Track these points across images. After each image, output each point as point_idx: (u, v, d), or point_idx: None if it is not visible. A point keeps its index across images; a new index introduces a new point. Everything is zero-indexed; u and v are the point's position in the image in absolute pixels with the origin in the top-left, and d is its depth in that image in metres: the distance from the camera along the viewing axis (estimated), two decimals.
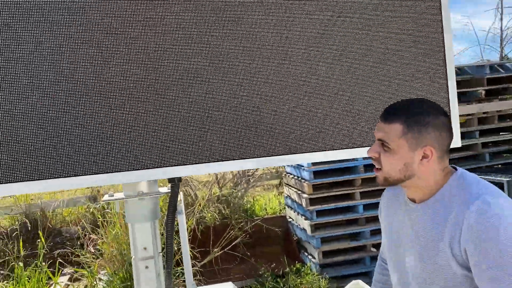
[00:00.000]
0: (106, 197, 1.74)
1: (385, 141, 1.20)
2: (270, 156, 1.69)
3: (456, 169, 1.25)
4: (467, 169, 1.29)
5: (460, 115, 4.23)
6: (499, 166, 4.44)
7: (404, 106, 1.21)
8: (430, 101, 1.24)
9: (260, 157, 1.68)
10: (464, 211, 1.13)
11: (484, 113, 4.31)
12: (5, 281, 4.14)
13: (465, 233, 1.11)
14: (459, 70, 4.59)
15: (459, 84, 4.49)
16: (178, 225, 1.78)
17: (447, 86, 1.85)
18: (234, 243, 4.25)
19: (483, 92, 4.41)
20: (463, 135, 4.45)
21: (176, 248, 3.57)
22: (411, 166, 1.19)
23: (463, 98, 4.42)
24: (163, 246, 1.74)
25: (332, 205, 4.19)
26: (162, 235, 2.04)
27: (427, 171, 1.20)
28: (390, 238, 1.39)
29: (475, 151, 4.40)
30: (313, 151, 1.76)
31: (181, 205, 1.73)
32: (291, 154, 1.72)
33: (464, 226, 1.12)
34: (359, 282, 2.30)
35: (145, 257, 1.71)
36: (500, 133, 4.52)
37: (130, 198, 1.67)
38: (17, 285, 3.85)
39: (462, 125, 4.43)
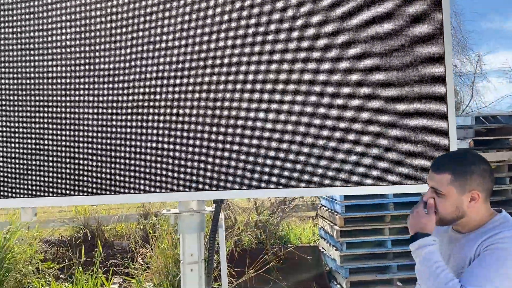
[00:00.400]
0: (164, 211, 2.21)
1: (437, 188, 1.47)
2: (306, 187, 2.08)
3: (501, 211, 1.52)
4: None
5: (491, 161, 4.44)
6: None
7: (451, 158, 1.53)
8: (472, 152, 1.55)
9: (296, 187, 2.08)
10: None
11: None
12: (65, 283, 4.68)
13: (480, 246, 1.40)
14: (492, 118, 4.82)
15: (492, 131, 4.72)
16: (219, 237, 2.20)
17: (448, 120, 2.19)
18: (267, 267, 4.60)
19: None
20: (496, 181, 4.63)
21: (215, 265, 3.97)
22: (462, 208, 1.45)
23: (494, 145, 4.62)
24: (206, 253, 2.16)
25: (362, 239, 4.47)
26: (206, 244, 2.46)
27: (475, 211, 1.45)
28: None
29: (505, 196, 4.55)
30: (346, 186, 2.13)
31: (221, 221, 2.15)
32: (328, 187, 2.10)
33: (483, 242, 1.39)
34: None
35: (191, 262, 2.13)
36: None
37: (183, 213, 2.12)
38: (76, 287, 4.39)
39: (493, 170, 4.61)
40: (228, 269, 3.81)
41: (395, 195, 4.49)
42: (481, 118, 4.94)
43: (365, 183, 2.13)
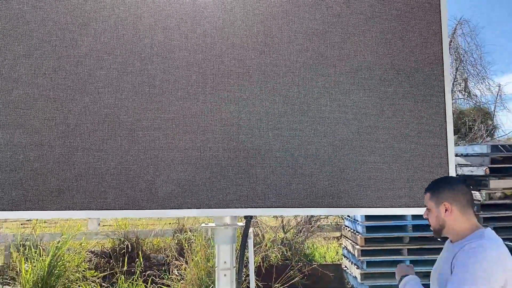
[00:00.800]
0: (203, 225, 2.63)
1: (426, 205, 1.94)
2: (332, 207, 2.47)
3: (487, 227, 1.87)
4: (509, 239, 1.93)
5: (507, 188, 4.69)
6: None
7: (434, 181, 1.97)
8: (453, 176, 2.05)
9: (322, 207, 2.46)
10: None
11: None
12: None
13: (455, 255, 1.75)
14: (510, 147, 5.04)
15: (508, 159, 4.94)
16: (248, 248, 2.60)
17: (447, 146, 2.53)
18: (292, 282, 4.94)
19: None
20: (508, 206, 4.83)
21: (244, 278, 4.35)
22: (441, 218, 1.85)
23: (510, 172, 4.84)
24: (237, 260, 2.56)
25: (381, 258, 4.75)
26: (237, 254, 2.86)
27: (453, 221, 1.83)
28: None
29: None
30: (363, 207, 2.50)
31: (250, 234, 2.55)
32: (350, 207, 2.49)
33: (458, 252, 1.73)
34: None
35: (225, 268, 2.53)
36: None
37: (219, 226, 2.54)
38: None
39: (508, 197, 4.82)
40: (255, 282, 4.18)
41: (413, 218, 4.78)
42: (499, 146, 5.17)
43: (378, 205, 2.50)
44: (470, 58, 6.89)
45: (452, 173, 2.56)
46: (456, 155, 5.48)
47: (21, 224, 6.62)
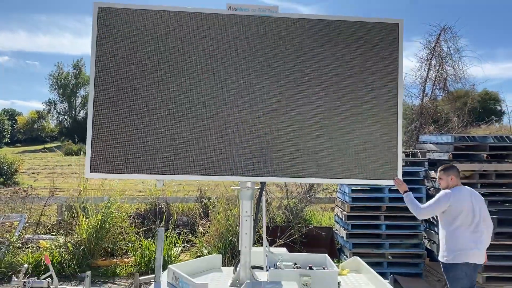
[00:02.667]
0: (235, 187, 3.91)
1: (440, 177, 4.16)
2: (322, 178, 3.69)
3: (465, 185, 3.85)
4: None
5: (466, 170, 5.88)
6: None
7: (444, 166, 4.01)
8: (452, 165, 4.03)
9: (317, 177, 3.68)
10: None
11: (484, 170, 5.90)
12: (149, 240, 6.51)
13: None
14: (473, 137, 6.25)
15: (469, 148, 6.14)
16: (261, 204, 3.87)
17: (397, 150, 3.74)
18: (292, 239, 6.26)
19: (485, 155, 6.01)
20: (467, 185, 6.05)
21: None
22: (449, 182, 4.04)
23: (470, 158, 6.06)
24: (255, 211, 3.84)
25: (363, 222, 6.05)
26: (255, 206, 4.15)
27: (452, 184, 4.03)
28: None
29: None
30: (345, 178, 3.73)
31: (263, 195, 3.82)
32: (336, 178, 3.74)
33: None
34: (357, 258, 4.12)
35: (246, 215, 3.80)
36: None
37: (243, 188, 3.79)
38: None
39: (467, 177, 6.05)
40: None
41: (390, 191, 6.04)
42: (465, 137, 6.37)
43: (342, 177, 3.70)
44: (449, 61, 8.01)
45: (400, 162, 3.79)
46: (430, 143, 6.69)
47: (71, 189, 7.99)
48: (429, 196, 6.29)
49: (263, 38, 3.61)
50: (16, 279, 3.95)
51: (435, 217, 5.20)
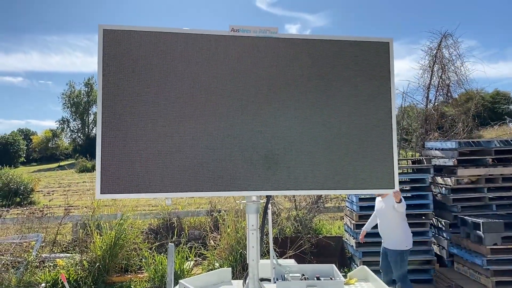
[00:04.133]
0: (240, 201, 4.03)
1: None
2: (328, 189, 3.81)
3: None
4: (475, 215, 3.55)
5: (472, 175, 5.93)
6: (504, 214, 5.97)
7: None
8: None
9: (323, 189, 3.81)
10: None
11: (490, 175, 5.94)
12: (161, 255, 6.65)
13: None
14: (478, 143, 6.29)
15: (474, 153, 6.19)
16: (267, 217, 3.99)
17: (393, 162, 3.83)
18: (302, 249, 6.34)
19: (490, 160, 6.04)
20: (473, 190, 6.09)
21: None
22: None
23: (475, 163, 6.09)
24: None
25: (371, 230, 6.09)
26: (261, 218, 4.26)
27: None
28: None
29: (484, 202, 6.02)
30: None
31: (269, 208, 3.93)
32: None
33: None
34: (364, 267, 4.22)
35: (252, 229, 3.92)
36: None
37: (248, 202, 3.92)
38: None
39: (473, 182, 6.09)
40: (274, 248, 5.59)
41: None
42: (470, 142, 6.42)
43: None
44: (452, 67, 8.04)
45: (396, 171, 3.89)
46: (435, 149, 6.74)
47: (85, 207, 8.18)
48: (436, 202, 6.35)
49: (266, 58, 3.75)
50: None
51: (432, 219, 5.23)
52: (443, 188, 6.29)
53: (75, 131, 62.30)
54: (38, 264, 6.66)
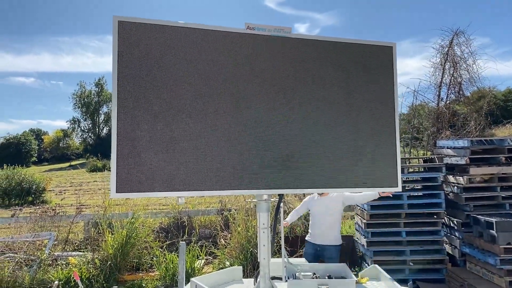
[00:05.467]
0: (249, 200, 4.04)
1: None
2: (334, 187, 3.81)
3: None
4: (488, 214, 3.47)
5: (484, 174, 5.87)
6: None
7: None
8: None
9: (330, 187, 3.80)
10: None
11: (503, 173, 5.87)
12: (173, 253, 6.69)
13: None
14: (490, 141, 6.22)
15: (487, 151, 6.12)
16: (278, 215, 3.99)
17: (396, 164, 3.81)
18: None
19: (503, 158, 5.97)
20: (486, 188, 6.02)
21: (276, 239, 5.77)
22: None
23: (489, 161, 6.02)
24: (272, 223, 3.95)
25: (383, 229, 6.07)
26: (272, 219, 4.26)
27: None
28: None
29: (496, 201, 5.95)
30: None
31: (281, 206, 3.93)
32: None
33: None
34: (376, 266, 4.20)
35: (263, 227, 3.92)
36: None
37: (260, 201, 3.92)
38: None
39: (486, 181, 6.02)
40: (284, 247, 5.59)
41: (409, 197, 6.06)
42: (483, 140, 6.34)
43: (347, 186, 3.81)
44: (463, 64, 7.96)
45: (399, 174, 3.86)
46: (447, 148, 6.68)
47: (97, 206, 8.26)
48: (448, 201, 6.30)
49: (279, 58, 3.73)
50: None
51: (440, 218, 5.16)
52: (455, 187, 6.23)
53: (86, 131, 62.88)
54: (50, 262, 6.73)
